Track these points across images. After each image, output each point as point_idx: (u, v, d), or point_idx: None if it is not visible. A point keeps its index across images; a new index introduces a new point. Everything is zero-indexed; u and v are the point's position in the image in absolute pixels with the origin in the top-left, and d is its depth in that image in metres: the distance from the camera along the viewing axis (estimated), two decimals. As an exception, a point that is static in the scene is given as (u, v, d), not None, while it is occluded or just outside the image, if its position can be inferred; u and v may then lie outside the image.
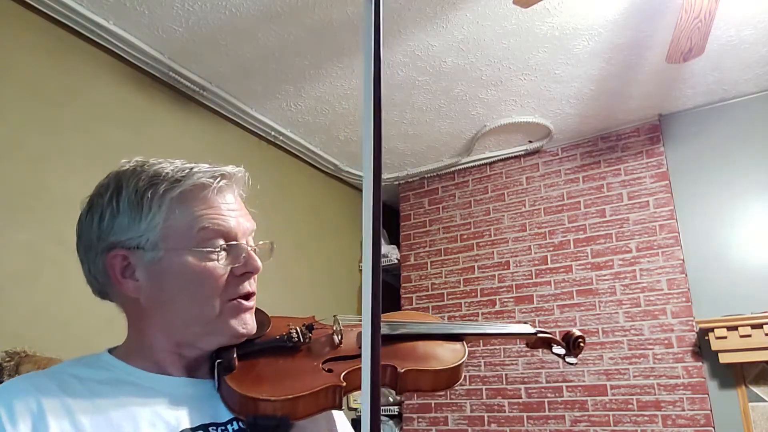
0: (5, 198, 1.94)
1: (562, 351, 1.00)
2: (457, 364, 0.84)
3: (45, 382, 0.66)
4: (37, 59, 2.13)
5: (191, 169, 0.74)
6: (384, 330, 0.85)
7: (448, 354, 0.87)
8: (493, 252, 3.43)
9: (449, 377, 0.84)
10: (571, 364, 1.01)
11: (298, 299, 3.08)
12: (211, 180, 0.74)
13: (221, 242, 0.73)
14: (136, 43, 2.37)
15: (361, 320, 0.92)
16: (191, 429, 0.67)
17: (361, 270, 3.82)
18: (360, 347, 0.81)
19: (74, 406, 0.64)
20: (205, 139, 2.81)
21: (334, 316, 0.85)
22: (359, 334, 0.84)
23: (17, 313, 1.89)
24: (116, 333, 0.84)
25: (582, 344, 1.01)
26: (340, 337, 0.82)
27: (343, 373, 0.74)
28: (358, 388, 0.78)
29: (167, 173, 0.73)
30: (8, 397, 0.63)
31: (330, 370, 0.75)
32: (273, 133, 3.12)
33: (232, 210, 0.76)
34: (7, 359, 1.74)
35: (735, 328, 2.52)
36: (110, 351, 0.75)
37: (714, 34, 2.33)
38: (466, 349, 0.89)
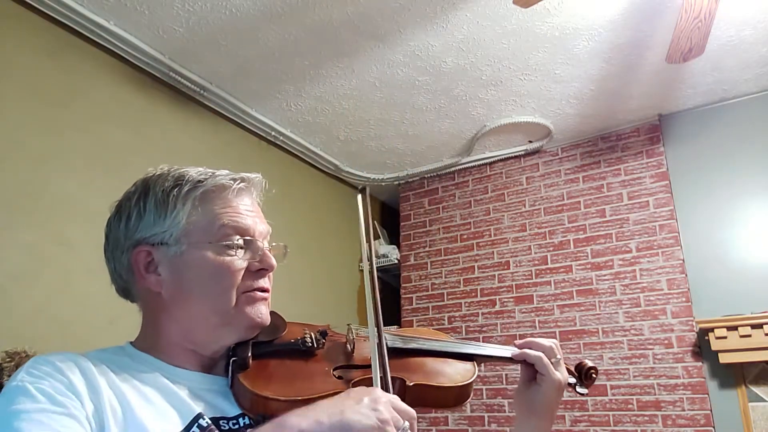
0: (6, 198, 1.94)
1: (573, 380, 1.00)
2: (465, 383, 0.86)
3: (80, 356, 0.71)
4: (37, 59, 2.13)
5: (213, 173, 0.81)
6: (396, 343, 0.87)
7: (457, 372, 0.88)
8: (493, 252, 3.43)
9: (457, 395, 0.85)
10: (582, 394, 1.01)
11: (298, 299, 3.08)
12: (231, 182, 0.80)
13: (238, 238, 0.78)
14: (136, 43, 2.37)
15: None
16: (210, 419, 0.71)
17: (361, 270, 3.82)
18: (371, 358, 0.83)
19: (109, 376, 0.69)
20: (205, 139, 2.81)
21: (348, 325, 0.88)
22: (375, 345, 0.87)
23: (17, 313, 1.89)
24: (116, 333, 0.85)
25: (594, 375, 1.01)
26: (352, 346, 0.84)
27: (353, 381, 0.77)
28: None
29: (191, 176, 0.79)
30: (53, 357, 0.68)
31: (340, 377, 0.78)
32: (273, 133, 3.12)
33: (249, 211, 0.81)
34: (7, 359, 1.74)
35: (735, 328, 2.52)
36: (130, 343, 0.80)
37: (714, 34, 2.33)
38: (476, 369, 0.90)
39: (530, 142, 3.40)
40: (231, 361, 0.75)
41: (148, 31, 2.33)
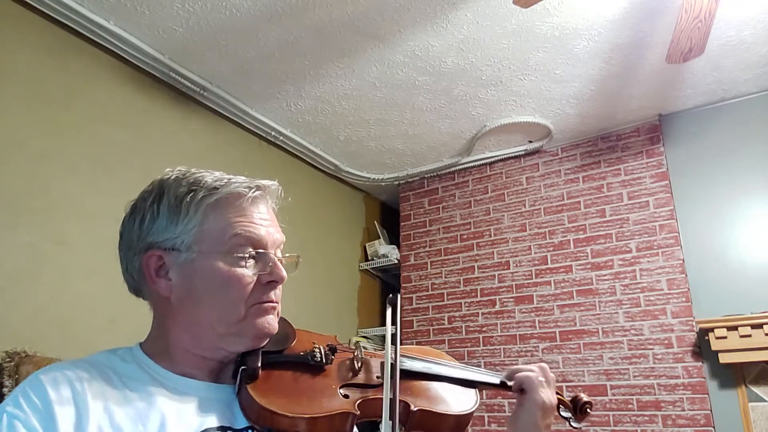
0: (6, 198, 1.94)
1: (567, 414, 1.01)
2: (466, 412, 0.86)
3: (83, 368, 0.70)
4: (37, 59, 2.13)
5: (229, 179, 0.79)
6: (404, 365, 0.86)
7: (460, 400, 0.88)
8: (493, 252, 3.43)
9: (457, 423, 0.85)
10: (575, 428, 1.02)
11: (297, 299, 3.08)
12: (246, 190, 0.78)
13: (250, 250, 0.77)
14: (136, 43, 2.37)
15: (381, 350, 0.91)
16: (216, 428, 0.71)
17: (360, 270, 3.82)
18: (378, 377, 0.83)
19: (108, 393, 0.68)
20: (205, 139, 2.81)
21: (357, 341, 0.87)
22: (381, 364, 0.86)
23: (17, 313, 1.89)
24: (116, 333, 0.85)
25: (589, 410, 1.02)
26: (359, 364, 0.84)
27: (358, 402, 0.77)
28: (370, 417, 0.78)
29: (206, 181, 0.78)
30: (51, 373, 0.68)
31: (346, 396, 0.78)
32: (273, 133, 3.13)
33: (264, 220, 0.80)
34: (7, 359, 1.74)
35: (735, 328, 2.52)
36: (140, 345, 0.79)
37: (714, 34, 2.33)
38: (478, 398, 0.90)
39: (530, 142, 3.40)
40: (240, 369, 0.75)
41: (148, 31, 2.33)
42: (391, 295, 0.80)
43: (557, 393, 0.99)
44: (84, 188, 2.18)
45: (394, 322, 0.79)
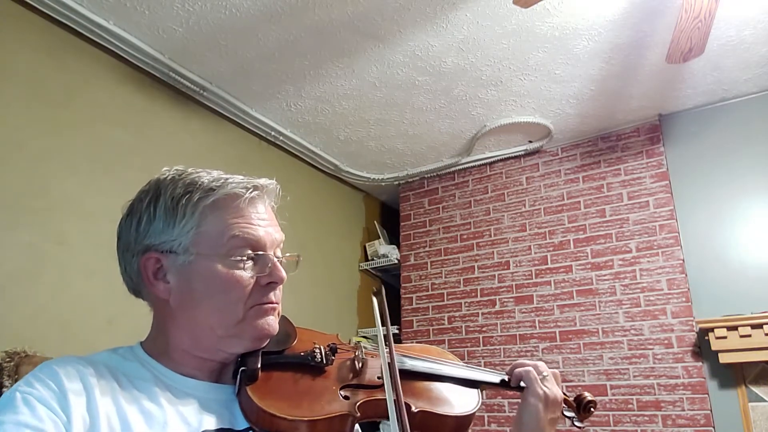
0: (6, 198, 1.94)
1: (571, 414, 1.01)
2: (468, 413, 0.85)
3: (89, 364, 0.70)
4: (37, 59, 2.13)
5: (226, 179, 0.78)
6: (405, 365, 0.86)
7: (462, 401, 0.87)
8: (493, 252, 3.43)
9: (458, 424, 0.84)
10: (579, 428, 1.01)
11: (297, 299, 3.08)
12: (244, 190, 0.77)
13: (249, 252, 0.76)
14: (136, 43, 2.37)
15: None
16: (215, 430, 0.71)
17: (360, 270, 3.82)
18: (379, 378, 0.82)
19: (115, 389, 0.69)
20: (205, 139, 2.81)
21: (358, 342, 0.87)
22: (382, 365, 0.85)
23: (17, 313, 1.89)
24: (116, 333, 0.85)
25: (592, 409, 1.02)
26: (360, 365, 0.83)
27: (359, 403, 0.76)
28: (371, 417, 0.78)
29: (203, 182, 0.77)
30: (63, 365, 0.68)
31: (347, 397, 0.77)
32: (273, 133, 3.13)
33: (262, 220, 0.79)
34: (7, 359, 1.74)
35: (735, 328, 2.52)
36: (141, 344, 0.79)
37: (714, 34, 2.33)
38: (481, 398, 0.90)
39: (530, 142, 3.40)
40: (240, 370, 0.74)
41: (148, 31, 2.33)
42: (374, 288, 0.81)
43: (564, 394, 0.98)
44: (84, 188, 2.18)
45: (384, 322, 0.79)
